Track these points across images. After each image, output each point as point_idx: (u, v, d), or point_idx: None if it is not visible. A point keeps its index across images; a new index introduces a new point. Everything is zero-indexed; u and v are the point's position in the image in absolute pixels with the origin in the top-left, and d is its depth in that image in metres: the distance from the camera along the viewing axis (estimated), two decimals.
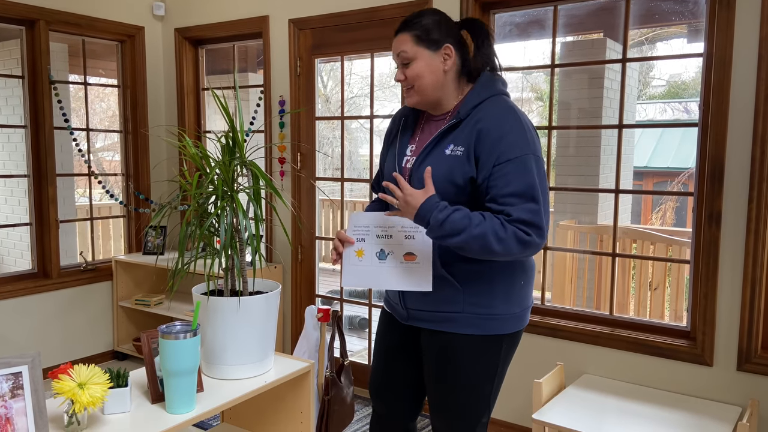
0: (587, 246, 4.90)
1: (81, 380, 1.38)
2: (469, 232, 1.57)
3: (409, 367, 1.94)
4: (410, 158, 1.80)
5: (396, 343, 1.95)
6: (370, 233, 1.80)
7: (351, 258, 1.80)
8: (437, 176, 1.67)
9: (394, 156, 1.86)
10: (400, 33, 1.73)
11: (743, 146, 2.41)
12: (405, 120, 1.88)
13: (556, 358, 2.87)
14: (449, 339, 1.76)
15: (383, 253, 1.78)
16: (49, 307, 3.80)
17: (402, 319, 1.88)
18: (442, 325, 1.76)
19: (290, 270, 3.76)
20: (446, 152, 1.69)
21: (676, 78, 11.76)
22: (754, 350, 2.43)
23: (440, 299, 1.74)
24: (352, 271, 1.80)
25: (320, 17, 3.46)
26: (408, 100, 1.77)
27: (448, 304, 1.74)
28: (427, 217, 1.61)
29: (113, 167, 9.66)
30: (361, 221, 1.80)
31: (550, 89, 3.08)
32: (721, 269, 2.49)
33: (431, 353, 1.81)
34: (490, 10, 2.97)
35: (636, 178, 10.15)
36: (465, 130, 1.68)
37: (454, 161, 1.67)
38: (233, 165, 1.72)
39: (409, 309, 1.83)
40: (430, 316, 1.78)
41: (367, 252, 1.79)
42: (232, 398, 1.62)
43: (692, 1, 4.02)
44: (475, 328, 1.73)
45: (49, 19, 3.66)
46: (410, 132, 1.86)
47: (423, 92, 1.73)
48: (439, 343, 1.78)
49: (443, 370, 1.79)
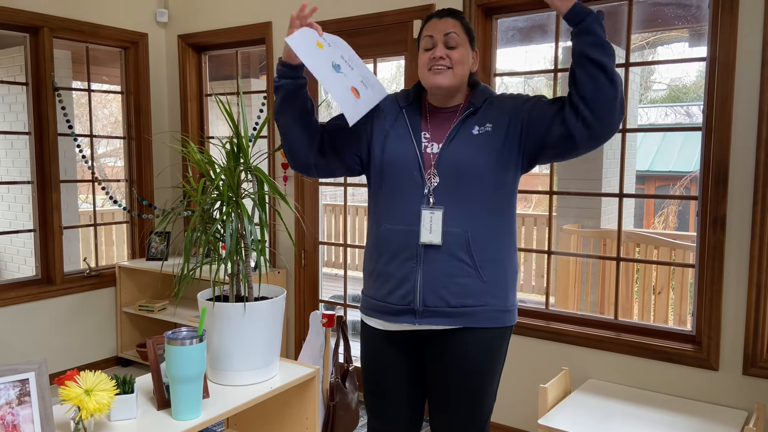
0: (591, 250, 4.89)
1: (88, 387, 1.38)
2: (611, 50, 1.59)
3: (411, 385, 1.89)
4: (428, 144, 1.78)
5: (394, 360, 1.86)
6: (336, 48, 1.75)
7: (308, 38, 1.68)
8: (470, 154, 1.73)
9: (406, 139, 1.80)
10: (449, 18, 1.77)
11: (747, 150, 2.41)
12: (407, 109, 1.85)
13: (561, 363, 2.87)
14: (468, 335, 1.76)
15: (338, 67, 1.73)
16: (52, 313, 3.80)
17: (407, 322, 1.78)
18: (461, 320, 1.74)
19: (294, 275, 3.76)
20: (474, 132, 1.75)
21: (677, 82, 11.77)
22: (759, 354, 2.42)
23: (464, 292, 1.73)
24: (304, 44, 1.67)
25: (323, 23, 3.47)
26: (441, 78, 1.73)
27: (471, 297, 1.74)
28: (587, 10, 1.59)
29: (115, 173, 9.68)
30: (342, 42, 1.76)
31: (553, 93, 3.08)
32: (726, 273, 2.48)
33: (448, 355, 1.78)
34: (492, 15, 2.98)
35: (638, 182, 10.15)
36: (484, 114, 1.77)
37: (485, 138, 1.73)
38: (238, 171, 1.73)
39: (426, 307, 1.75)
40: (450, 311, 1.74)
41: (326, 51, 1.71)
42: (238, 404, 1.62)
43: (695, 6, 4.03)
44: (493, 321, 1.76)
45: (52, 26, 3.67)
46: (417, 121, 1.83)
47: (456, 78, 1.75)
48: (457, 341, 1.76)
49: (461, 369, 1.77)
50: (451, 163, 1.72)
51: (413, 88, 1.90)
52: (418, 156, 1.76)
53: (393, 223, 1.77)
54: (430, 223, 1.71)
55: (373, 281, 1.85)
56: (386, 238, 1.78)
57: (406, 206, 1.75)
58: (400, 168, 1.77)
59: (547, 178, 3.15)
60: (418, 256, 1.73)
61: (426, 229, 1.71)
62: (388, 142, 1.81)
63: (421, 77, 1.80)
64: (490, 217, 1.75)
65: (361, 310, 1.93)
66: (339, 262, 7.40)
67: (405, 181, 1.76)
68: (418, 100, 1.87)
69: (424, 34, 1.79)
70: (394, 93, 1.93)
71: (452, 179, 1.73)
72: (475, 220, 1.73)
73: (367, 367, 1.93)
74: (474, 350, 1.76)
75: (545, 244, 3.10)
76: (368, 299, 1.88)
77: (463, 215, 1.73)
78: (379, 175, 1.82)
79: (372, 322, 1.88)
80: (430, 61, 1.74)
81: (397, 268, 1.77)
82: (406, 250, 1.75)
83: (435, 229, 1.71)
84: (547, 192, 3.06)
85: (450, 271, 1.72)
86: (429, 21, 1.80)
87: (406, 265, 1.75)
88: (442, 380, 1.80)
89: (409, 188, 1.75)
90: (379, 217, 1.82)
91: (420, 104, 1.86)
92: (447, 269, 1.72)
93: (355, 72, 1.76)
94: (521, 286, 6.53)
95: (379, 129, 1.84)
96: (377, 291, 1.83)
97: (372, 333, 1.89)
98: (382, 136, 1.82)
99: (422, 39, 1.79)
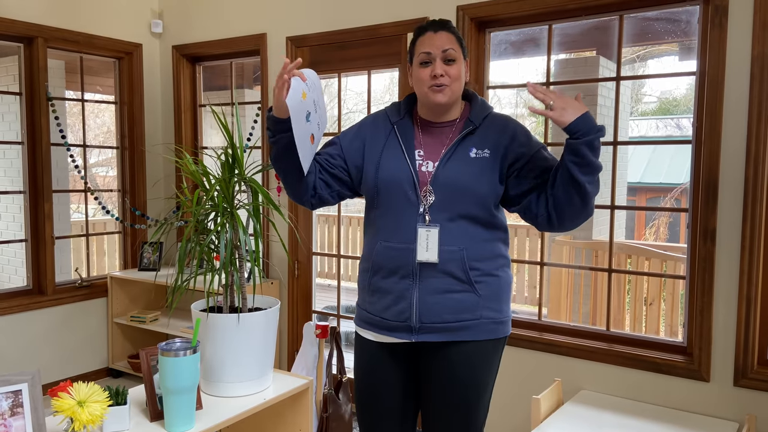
0: (583, 262, 4.91)
1: (80, 398, 1.37)
2: (596, 170, 1.65)
3: (405, 398, 1.88)
4: (423, 162, 1.78)
5: (389, 373, 1.86)
6: (312, 92, 1.72)
7: (297, 90, 1.65)
8: (465, 175, 1.73)
9: (399, 158, 1.79)
10: (444, 31, 1.75)
11: (737, 164, 2.44)
12: (398, 125, 1.83)
13: (554, 374, 2.87)
14: (465, 348, 1.77)
15: (308, 115, 1.73)
16: (43, 324, 3.77)
17: (403, 337, 1.79)
18: (458, 334, 1.76)
19: (287, 286, 3.75)
20: (471, 155, 1.74)
21: (667, 95, 11.88)
22: (750, 366, 2.44)
23: (460, 308, 1.75)
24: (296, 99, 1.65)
25: (318, 35, 3.50)
26: (440, 97, 1.73)
27: (467, 312, 1.75)
28: (593, 124, 1.60)
29: (107, 183, 9.65)
30: (316, 79, 1.74)
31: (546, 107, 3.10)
32: (717, 285, 2.50)
33: (443, 366, 1.78)
34: (485, 29, 3.02)
35: (629, 193, 10.21)
36: (484, 135, 1.77)
37: (483, 163, 1.74)
38: (233, 182, 1.73)
39: (423, 324, 1.76)
40: (445, 327, 1.75)
41: (307, 100, 1.70)
42: (232, 416, 1.62)
43: (684, 21, 4.09)
44: (489, 333, 1.78)
45: (47, 37, 3.68)
46: (410, 138, 1.82)
47: (454, 94, 1.76)
48: (452, 352, 1.77)
49: (457, 381, 1.78)
50: (448, 183, 1.73)
51: (405, 102, 1.88)
52: (412, 174, 1.76)
53: (389, 240, 1.77)
54: (426, 242, 1.71)
55: (368, 295, 1.85)
56: (382, 254, 1.79)
57: (402, 225, 1.75)
58: (394, 187, 1.77)
59: None
60: (414, 273, 1.74)
61: (423, 248, 1.72)
62: (382, 162, 1.80)
63: (419, 93, 1.79)
64: (485, 232, 1.77)
65: (356, 322, 1.93)
66: (332, 272, 7.40)
67: (400, 200, 1.76)
68: (409, 113, 1.86)
69: (420, 50, 1.76)
70: (385, 108, 1.92)
71: (448, 197, 1.73)
72: (470, 236, 1.75)
73: (362, 380, 1.91)
74: (469, 362, 1.77)
75: (538, 255, 3.11)
76: (364, 312, 1.88)
77: (459, 232, 1.74)
78: (373, 193, 1.81)
79: (367, 335, 1.88)
80: (430, 78, 1.73)
81: (393, 284, 1.77)
82: (402, 268, 1.76)
83: (431, 247, 1.71)
84: None
85: (446, 287, 1.74)
86: (423, 34, 1.77)
87: (403, 282, 1.75)
88: (436, 392, 1.80)
89: (405, 207, 1.75)
90: (375, 233, 1.82)
91: (411, 118, 1.85)
92: (443, 286, 1.74)
93: (316, 116, 1.78)
94: (514, 297, 6.55)
95: (371, 148, 1.83)
96: (373, 305, 1.84)
97: (367, 345, 1.88)
98: (374, 156, 1.82)
99: (417, 54, 1.77)
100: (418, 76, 1.77)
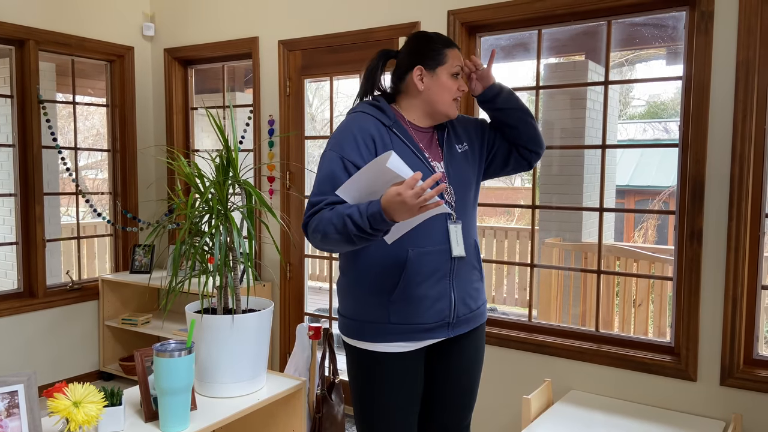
0: (572, 263, 4.96)
1: (76, 399, 1.39)
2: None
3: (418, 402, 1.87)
4: (433, 163, 1.84)
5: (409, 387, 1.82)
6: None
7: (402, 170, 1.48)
8: (467, 171, 1.87)
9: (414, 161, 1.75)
10: (458, 49, 1.87)
11: (722, 166, 2.48)
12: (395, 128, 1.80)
13: (543, 375, 2.90)
14: (481, 331, 1.94)
15: None
16: (34, 326, 3.76)
17: (440, 335, 1.79)
18: (477, 320, 1.91)
19: (279, 288, 3.77)
20: (459, 150, 1.88)
21: (655, 98, 12.00)
22: (736, 365, 2.48)
23: (478, 294, 1.90)
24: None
25: (310, 39, 3.52)
26: (456, 111, 1.87)
27: (481, 298, 1.92)
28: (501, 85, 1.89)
29: (96, 185, 9.60)
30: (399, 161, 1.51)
31: (536, 110, 3.15)
32: (703, 286, 2.55)
33: (466, 354, 1.90)
34: (476, 33, 3.05)
35: (618, 196, 10.29)
36: (457, 132, 1.93)
37: (468, 156, 1.90)
38: (227, 184, 1.75)
39: (458, 318, 1.82)
40: (472, 315, 1.88)
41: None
42: (226, 416, 1.63)
43: (671, 26, 4.15)
44: (486, 315, 1.97)
45: (38, 39, 3.68)
46: (413, 140, 1.81)
47: None
48: (474, 339, 1.92)
49: (472, 364, 1.92)
50: (459, 179, 1.84)
51: (383, 104, 1.81)
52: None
53: (422, 246, 1.73)
54: (456, 237, 1.78)
55: (390, 306, 1.75)
56: (417, 262, 1.73)
57: (433, 227, 1.74)
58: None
59: (529, 192, 3.21)
60: (452, 271, 1.80)
61: (455, 243, 1.78)
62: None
63: (440, 100, 1.80)
64: (476, 221, 1.95)
65: (367, 338, 1.78)
66: (323, 275, 7.41)
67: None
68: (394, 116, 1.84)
69: (454, 62, 1.80)
70: (362, 109, 1.80)
71: (461, 194, 1.84)
72: (474, 227, 1.91)
73: (385, 398, 1.80)
74: (477, 344, 1.93)
75: (528, 257, 3.15)
76: (382, 325, 1.76)
77: (470, 225, 1.88)
78: None
79: (390, 348, 1.78)
80: (458, 92, 1.84)
81: (429, 288, 1.75)
82: (439, 270, 1.77)
83: (460, 242, 1.80)
84: (529, 206, 3.12)
85: (471, 278, 1.87)
86: (453, 48, 1.83)
87: (441, 283, 1.78)
88: (455, 377, 1.89)
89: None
90: (399, 244, 1.71)
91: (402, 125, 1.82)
92: (470, 277, 1.86)
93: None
94: (504, 299, 6.59)
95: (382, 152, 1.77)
96: (401, 315, 1.74)
97: (386, 358, 1.78)
98: None
99: (451, 64, 1.80)
100: (446, 85, 1.80)
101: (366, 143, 1.72)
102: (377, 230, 1.51)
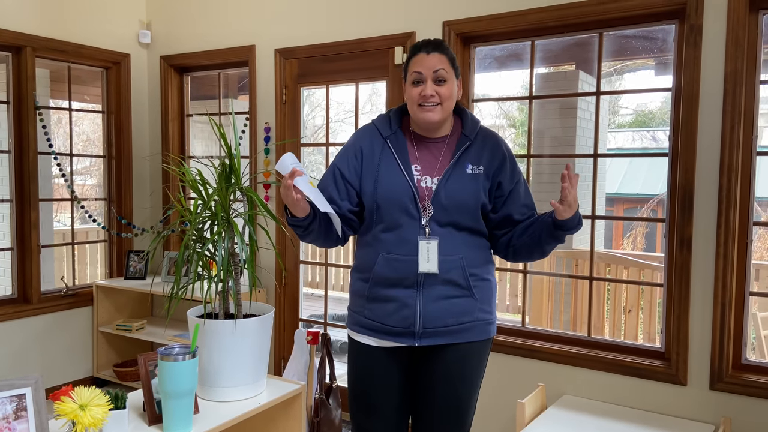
0: (563, 270, 5.02)
1: (82, 402, 1.41)
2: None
3: (401, 400, 1.94)
4: (421, 177, 1.85)
5: (386, 374, 1.91)
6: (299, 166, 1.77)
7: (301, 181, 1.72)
8: (465, 192, 1.82)
9: (397, 173, 1.84)
10: (436, 53, 1.81)
11: (711, 175, 2.54)
12: (391, 140, 1.88)
13: (537, 380, 2.94)
14: (465, 348, 1.87)
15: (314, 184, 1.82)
16: (28, 332, 3.75)
17: (406, 341, 1.85)
18: (458, 336, 1.85)
19: (274, 294, 3.79)
20: (468, 171, 1.84)
21: (643, 107, 12.14)
22: (725, 370, 2.53)
23: (460, 311, 1.85)
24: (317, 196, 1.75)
25: (306, 47, 3.56)
26: (431, 115, 1.81)
27: (466, 315, 1.85)
28: (579, 219, 1.82)
29: (85, 191, 9.55)
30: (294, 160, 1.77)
31: (528, 119, 3.20)
32: (693, 292, 2.60)
33: (440, 366, 1.86)
34: (471, 44, 3.10)
35: (607, 204, 10.39)
36: (479, 152, 1.88)
37: (478, 179, 1.85)
38: (230, 191, 1.78)
39: (426, 329, 1.83)
40: (447, 330, 1.84)
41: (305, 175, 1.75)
42: (228, 420, 1.65)
43: (660, 39, 4.23)
44: (483, 333, 1.89)
45: (35, 46, 3.69)
46: (405, 153, 1.87)
47: (445, 112, 1.84)
48: (454, 354, 1.86)
49: (454, 380, 1.87)
50: (449, 199, 1.81)
51: (393, 115, 1.92)
52: (412, 189, 1.82)
53: (392, 252, 1.83)
54: (427, 253, 1.79)
55: (367, 302, 1.90)
56: (385, 266, 1.84)
57: (403, 238, 1.81)
58: (394, 202, 1.82)
59: None
60: (418, 283, 1.81)
61: (424, 259, 1.79)
62: (380, 177, 1.85)
63: (411, 111, 1.85)
64: (477, 239, 1.87)
65: (351, 326, 1.96)
66: (316, 281, 7.42)
67: (400, 215, 1.82)
68: (400, 127, 1.90)
69: (412, 69, 1.83)
70: (373, 121, 1.95)
71: (447, 211, 1.81)
72: (466, 245, 1.84)
73: (358, 382, 1.96)
74: (464, 361, 1.87)
75: (520, 264, 3.19)
76: (361, 318, 1.92)
77: (457, 242, 1.83)
78: (373, 208, 1.86)
79: (366, 339, 1.92)
80: (420, 97, 1.80)
81: (396, 293, 1.84)
82: (406, 278, 1.82)
83: (432, 258, 1.79)
84: None
85: (448, 294, 1.82)
86: (417, 54, 1.83)
87: (407, 291, 1.82)
88: (433, 390, 1.87)
89: (405, 221, 1.81)
90: (376, 245, 1.86)
91: (403, 132, 1.90)
92: (445, 293, 1.82)
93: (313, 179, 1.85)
94: (497, 306, 6.62)
95: (368, 164, 1.88)
96: (373, 312, 1.88)
97: (363, 348, 1.93)
98: (371, 171, 1.87)
99: (410, 72, 1.83)
100: (410, 94, 1.84)
101: (355, 154, 1.90)
102: (293, 217, 1.78)
